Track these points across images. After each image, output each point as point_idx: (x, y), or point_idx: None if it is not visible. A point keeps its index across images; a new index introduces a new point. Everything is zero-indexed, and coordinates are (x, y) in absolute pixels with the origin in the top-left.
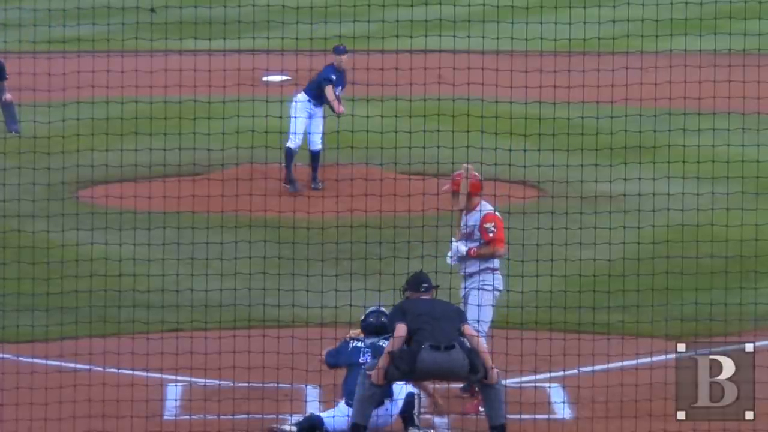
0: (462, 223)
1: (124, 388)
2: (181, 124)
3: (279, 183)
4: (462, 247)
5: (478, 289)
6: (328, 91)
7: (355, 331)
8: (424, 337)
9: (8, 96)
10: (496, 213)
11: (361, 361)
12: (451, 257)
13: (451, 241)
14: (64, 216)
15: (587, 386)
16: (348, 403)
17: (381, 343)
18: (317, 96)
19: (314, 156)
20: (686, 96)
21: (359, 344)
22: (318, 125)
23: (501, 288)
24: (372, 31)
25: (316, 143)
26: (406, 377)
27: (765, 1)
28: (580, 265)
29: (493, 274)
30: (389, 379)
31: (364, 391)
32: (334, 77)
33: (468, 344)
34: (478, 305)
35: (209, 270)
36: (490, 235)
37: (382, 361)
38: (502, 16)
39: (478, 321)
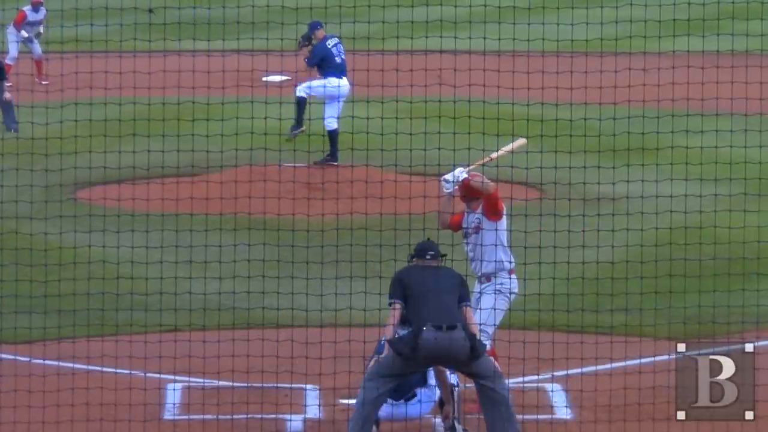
0: (464, 225)
1: (122, 391)
2: (180, 126)
3: (278, 184)
4: (464, 174)
5: (494, 293)
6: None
7: None
8: (426, 313)
9: (8, 95)
10: None
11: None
12: (447, 183)
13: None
14: (62, 218)
15: (590, 388)
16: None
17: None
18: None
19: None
20: (689, 97)
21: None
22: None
23: (517, 291)
24: (372, 31)
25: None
26: (408, 362)
27: (767, 2)
28: (583, 267)
29: (510, 276)
30: (392, 370)
31: (368, 393)
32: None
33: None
34: (494, 308)
35: (208, 272)
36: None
37: (385, 351)
38: (504, 17)
39: (487, 324)
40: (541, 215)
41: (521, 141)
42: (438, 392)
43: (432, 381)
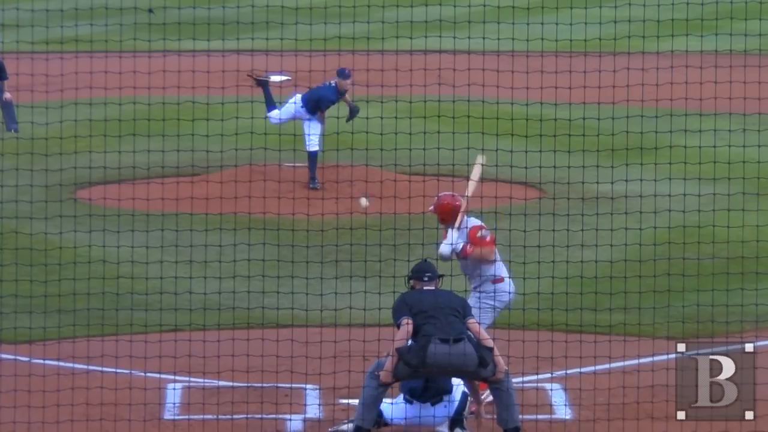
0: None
1: (122, 391)
2: (180, 126)
3: (278, 184)
4: (447, 249)
5: (479, 294)
6: (326, 112)
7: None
8: (432, 330)
9: (8, 95)
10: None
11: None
12: (444, 255)
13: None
14: (62, 217)
15: (589, 387)
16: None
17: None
18: (313, 109)
19: (310, 157)
20: (687, 97)
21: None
22: (315, 127)
23: (512, 293)
24: (372, 31)
25: (313, 144)
26: (416, 374)
27: (766, 2)
28: (582, 266)
29: (495, 285)
30: (398, 377)
31: (371, 392)
32: (334, 99)
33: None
34: (479, 307)
35: (208, 272)
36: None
37: (390, 360)
38: (503, 17)
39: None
40: (540, 214)
41: (478, 166)
42: (460, 397)
43: (458, 388)
